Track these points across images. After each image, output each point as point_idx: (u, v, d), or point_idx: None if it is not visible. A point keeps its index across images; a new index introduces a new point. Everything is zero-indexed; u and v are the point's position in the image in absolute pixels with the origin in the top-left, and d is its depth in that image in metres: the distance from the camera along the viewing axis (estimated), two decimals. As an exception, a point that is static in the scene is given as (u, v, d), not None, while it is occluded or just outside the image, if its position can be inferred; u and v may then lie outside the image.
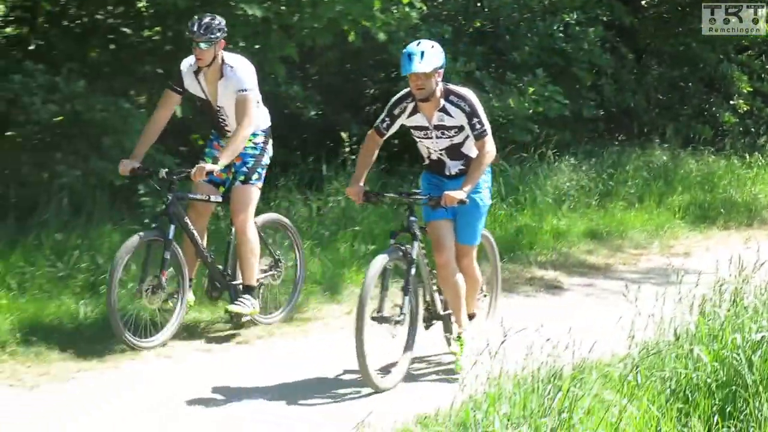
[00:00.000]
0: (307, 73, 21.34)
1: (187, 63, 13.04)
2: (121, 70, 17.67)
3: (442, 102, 11.94)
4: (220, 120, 13.24)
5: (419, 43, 11.72)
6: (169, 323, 12.86)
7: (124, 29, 18.43)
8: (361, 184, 12.09)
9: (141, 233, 12.82)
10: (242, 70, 12.91)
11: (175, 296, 13.01)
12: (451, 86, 12.14)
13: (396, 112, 12.09)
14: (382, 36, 18.51)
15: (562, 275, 18.44)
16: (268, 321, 13.94)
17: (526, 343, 9.57)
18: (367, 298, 11.58)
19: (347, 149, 19.35)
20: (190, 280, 13.08)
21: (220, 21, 12.68)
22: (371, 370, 11.68)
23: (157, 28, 18.60)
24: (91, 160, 16.14)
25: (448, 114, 11.96)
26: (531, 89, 22.58)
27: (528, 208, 20.88)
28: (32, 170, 16.38)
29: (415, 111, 12.03)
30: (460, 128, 12.04)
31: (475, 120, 11.91)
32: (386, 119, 12.16)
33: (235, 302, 13.14)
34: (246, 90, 12.79)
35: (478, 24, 24.45)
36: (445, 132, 12.09)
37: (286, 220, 14.69)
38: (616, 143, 25.44)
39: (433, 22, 22.11)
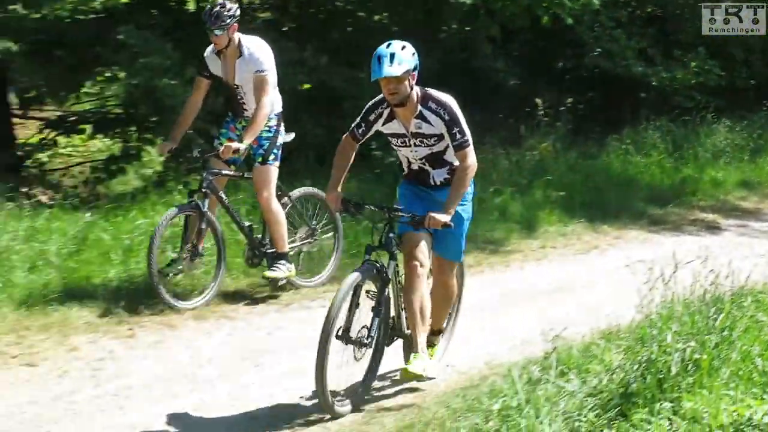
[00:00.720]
0: (509, 50, 21.26)
1: (209, 49, 12.19)
2: (356, 47, 17.76)
3: (420, 108, 9.29)
4: (239, 98, 12.25)
5: (389, 44, 9.05)
6: (210, 287, 12.05)
7: (360, 13, 18.59)
8: (339, 190, 9.43)
9: (178, 206, 12.12)
10: (259, 52, 11.94)
11: (213, 263, 12.32)
12: (431, 91, 9.41)
13: (371, 117, 9.45)
14: (569, 20, 18.53)
15: (719, 217, 18.29)
16: (308, 284, 12.87)
17: (693, 272, 9.46)
18: (336, 317, 8.91)
19: (541, 112, 19.29)
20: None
21: (230, 8, 11.75)
22: (329, 393, 8.99)
23: (385, 13, 18.73)
24: (333, 120, 16.30)
25: (426, 121, 9.31)
26: (693, 63, 22.45)
27: (691, 162, 20.72)
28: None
29: (391, 117, 9.40)
30: (440, 137, 9.36)
31: (456, 129, 9.25)
32: (361, 124, 9.51)
33: (271, 268, 12.41)
34: (263, 71, 11.85)
35: (650, 10, 24.17)
36: (424, 140, 9.41)
37: (321, 193, 12.84)
38: (764, 109, 24.89)
39: (611, 9, 21.89)
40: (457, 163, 9.38)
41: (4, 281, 11.47)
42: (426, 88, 9.36)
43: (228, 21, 11.64)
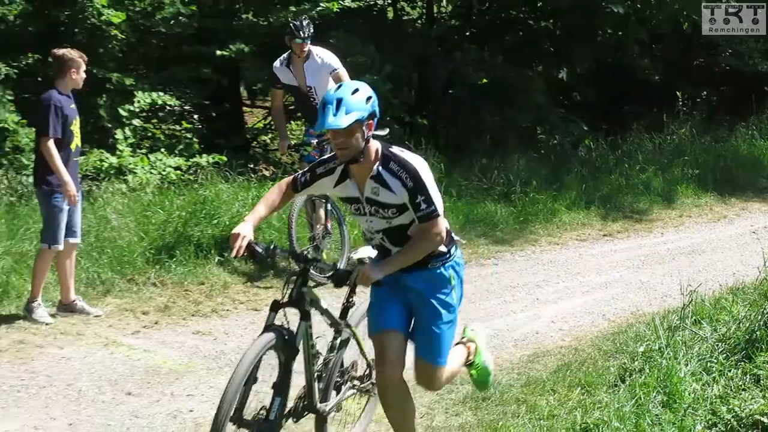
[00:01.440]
0: (653, 51, 20.99)
1: (277, 63, 11.71)
2: (526, 49, 17.75)
3: (378, 168, 6.18)
4: (312, 99, 11.44)
5: (339, 87, 6.13)
6: (341, 259, 11.24)
7: (530, 21, 18.55)
8: (250, 231, 6.19)
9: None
10: (328, 56, 11.48)
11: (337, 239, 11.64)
12: (395, 150, 6.26)
13: (319, 171, 6.38)
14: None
15: None
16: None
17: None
18: (233, 398, 5.97)
19: (680, 103, 19.00)
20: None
21: (309, 22, 11.41)
22: None
23: (551, 20, 18.66)
24: (505, 110, 16.30)
25: (386, 186, 6.18)
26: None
27: None
28: (466, 117, 16.60)
29: (345, 176, 6.31)
30: (401, 208, 6.19)
31: (420, 198, 6.09)
32: (306, 174, 6.43)
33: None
34: (337, 68, 11.37)
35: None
36: (380, 210, 6.26)
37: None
38: None
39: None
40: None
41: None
42: (391, 146, 6.35)
43: (311, 32, 11.34)
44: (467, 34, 17.79)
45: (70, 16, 14.09)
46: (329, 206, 11.36)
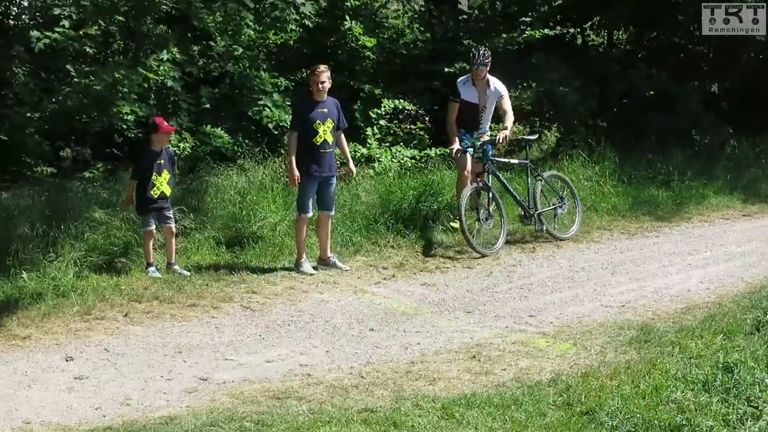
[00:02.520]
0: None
1: (461, 80, 11.28)
2: (685, 68, 17.10)
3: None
4: (480, 117, 11.19)
5: None
6: (500, 239, 11.00)
7: (689, 46, 17.91)
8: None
9: (473, 184, 10.94)
10: (499, 85, 11.15)
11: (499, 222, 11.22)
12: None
13: None
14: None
15: None
16: (563, 236, 11.57)
17: None
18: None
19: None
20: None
21: (488, 53, 11.05)
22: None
23: (705, 45, 17.93)
24: (668, 116, 15.74)
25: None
26: None
27: None
28: (636, 121, 15.95)
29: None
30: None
31: None
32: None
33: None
34: (503, 95, 11.14)
35: None
36: None
37: (566, 177, 12.33)
38: None
39: None
40: None
41: (454, 215, 11.58)
42: None
43: (488, 61, 10.97)
44: (639, 56, 17.34)
45: (334, 41, 14.51)
46: (490, 194, 11.04)
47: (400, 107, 14.29)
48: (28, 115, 12.19)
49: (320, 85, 9.83)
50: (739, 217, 13.10)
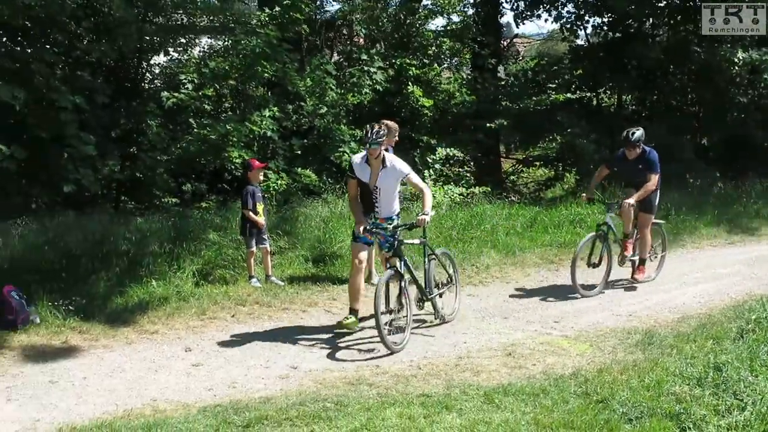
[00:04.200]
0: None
1: (357, 157, 8.12)
2: (680, 124, 16.69)
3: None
4: (374, 197, 8.01)
5: None
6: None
7: (684, 107, 17.49)
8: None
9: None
10: (399, 163, 7.96)
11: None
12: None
13: None
14: None
15: None
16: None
17: None
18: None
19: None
20: None
21: (383, 131, 7.79)
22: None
23: (697, 106, 17.56)
24: (667, 162, 15.41)
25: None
26: None
27: None
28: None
29: None
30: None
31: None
32: None
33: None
34: (408, 173, 7.91)
35: None
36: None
37: (449, 253, 8.98)
38: None
39: None
40: None
41: (493, 240, 11.55)
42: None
43: (381, 140, 7.75)
44: (643, 114, 17.11)
45: (400, 101, 14.55)
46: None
47: (451, 154, 14.33)
48: (159, 158, 12.46)
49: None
50: (725, 244, 12.77)
